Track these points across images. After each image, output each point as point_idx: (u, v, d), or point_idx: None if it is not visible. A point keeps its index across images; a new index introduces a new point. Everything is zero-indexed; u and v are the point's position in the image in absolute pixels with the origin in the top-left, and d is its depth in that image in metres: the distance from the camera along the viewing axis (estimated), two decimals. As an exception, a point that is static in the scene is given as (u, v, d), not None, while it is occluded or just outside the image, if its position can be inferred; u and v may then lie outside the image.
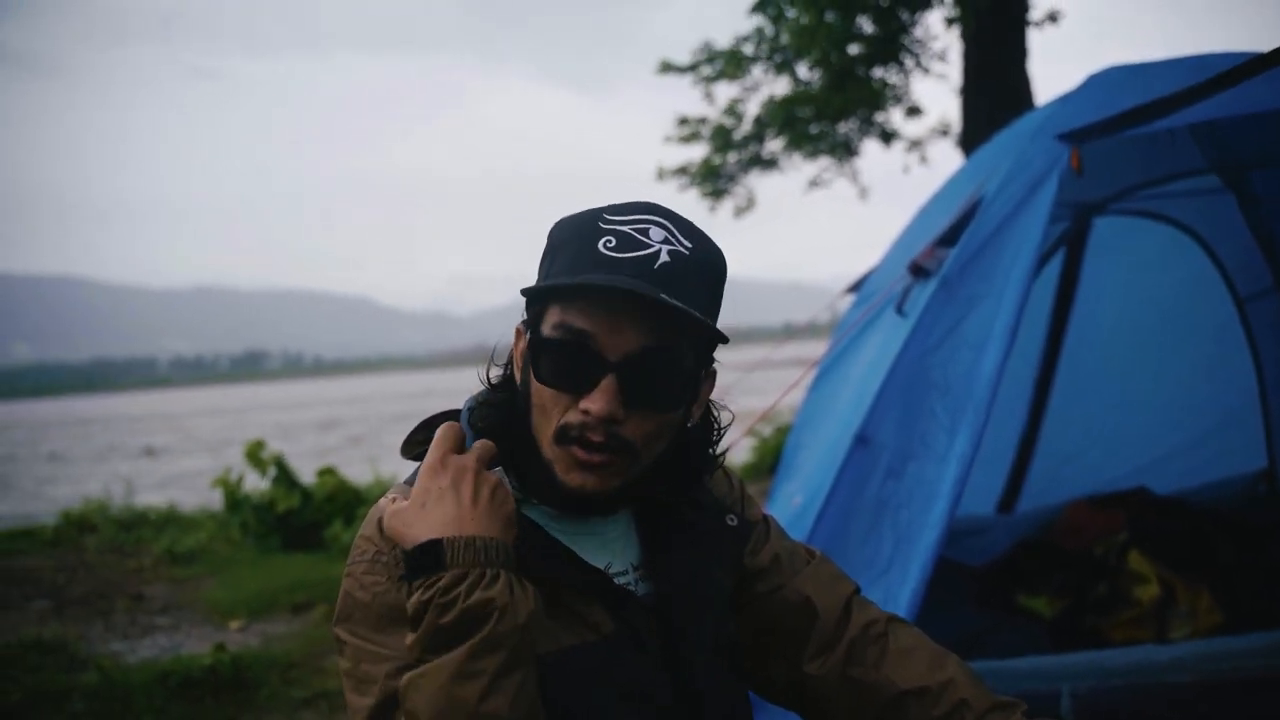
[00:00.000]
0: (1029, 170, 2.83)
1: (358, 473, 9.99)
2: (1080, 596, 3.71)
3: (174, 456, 25.84)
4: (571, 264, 1.24)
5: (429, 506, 1.17)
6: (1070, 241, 4.47)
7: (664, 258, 1.23)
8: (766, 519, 1.58)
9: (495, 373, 1.40)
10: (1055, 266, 4.56)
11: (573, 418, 1.23)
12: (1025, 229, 2.72)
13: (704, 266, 1.28)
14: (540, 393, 1.26)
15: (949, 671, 1.42)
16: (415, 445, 1.42)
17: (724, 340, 1.30)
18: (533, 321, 1.29)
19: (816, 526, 2.66)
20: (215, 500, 9.66)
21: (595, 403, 1.21)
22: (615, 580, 1.33)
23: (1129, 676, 2.63)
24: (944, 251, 2.99)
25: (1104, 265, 4.42)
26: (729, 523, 1.47)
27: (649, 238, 1.24)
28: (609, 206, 1.29)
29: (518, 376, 1.33)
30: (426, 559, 1.13)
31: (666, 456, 1.33)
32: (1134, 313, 4.55)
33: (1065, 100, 3.13)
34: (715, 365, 1.38)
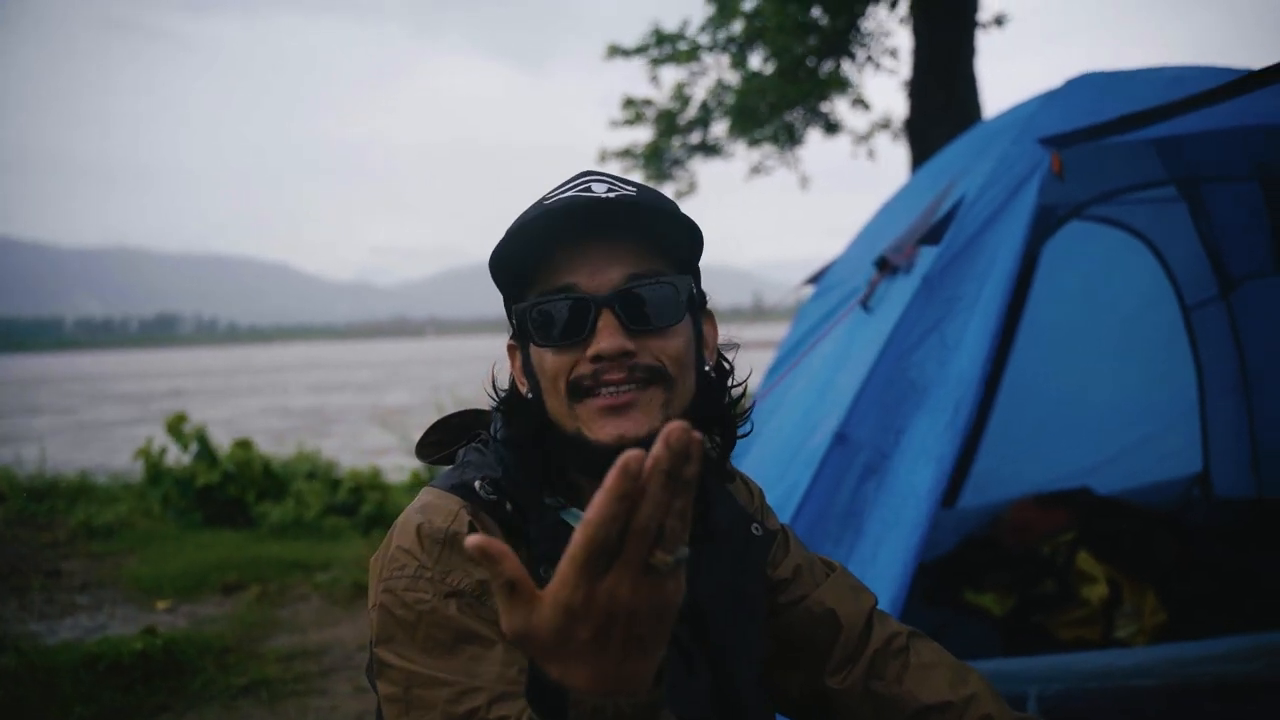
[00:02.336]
0: (1010, 172, 2.84)
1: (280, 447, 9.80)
2: (1027, 594, 3.77)
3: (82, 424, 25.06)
4: (522, 246, 1.22)
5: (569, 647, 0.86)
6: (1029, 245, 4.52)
7: (609, 196, 1.20)
8: (785, 529, 1.55)
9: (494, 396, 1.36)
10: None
11: (583, 369, 1.20)
12: (1007, 230, 2.72)
13: (655, 200, 1.24)
14: (545, 365, 1.22)
15: (971, 686, 1.42)
16: (430, 448, 1.39)
17: (700, 252, 1.29)
18: (512, 316, 1.27)
19: (794, 524, 2.63)
20: (132, 468, 9.36)
21: (603, 341, 1.18)
22: None
23: (1094, 681, 2.67)
24: (921, 250, 2.98)
25: (1057, 267, 4.47)
26: (754, 532, 1.43)
27: (591, 190, 1.20)
28: (545, 194, 1.26)
29: (523, 389, 1.29)
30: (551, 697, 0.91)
31: (699, 400, 1.27)
32: (1084, 316, 4.62)
33: (1045, 103, 3.14)
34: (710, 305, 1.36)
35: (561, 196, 1.19)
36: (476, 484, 1.23)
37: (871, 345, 2.80)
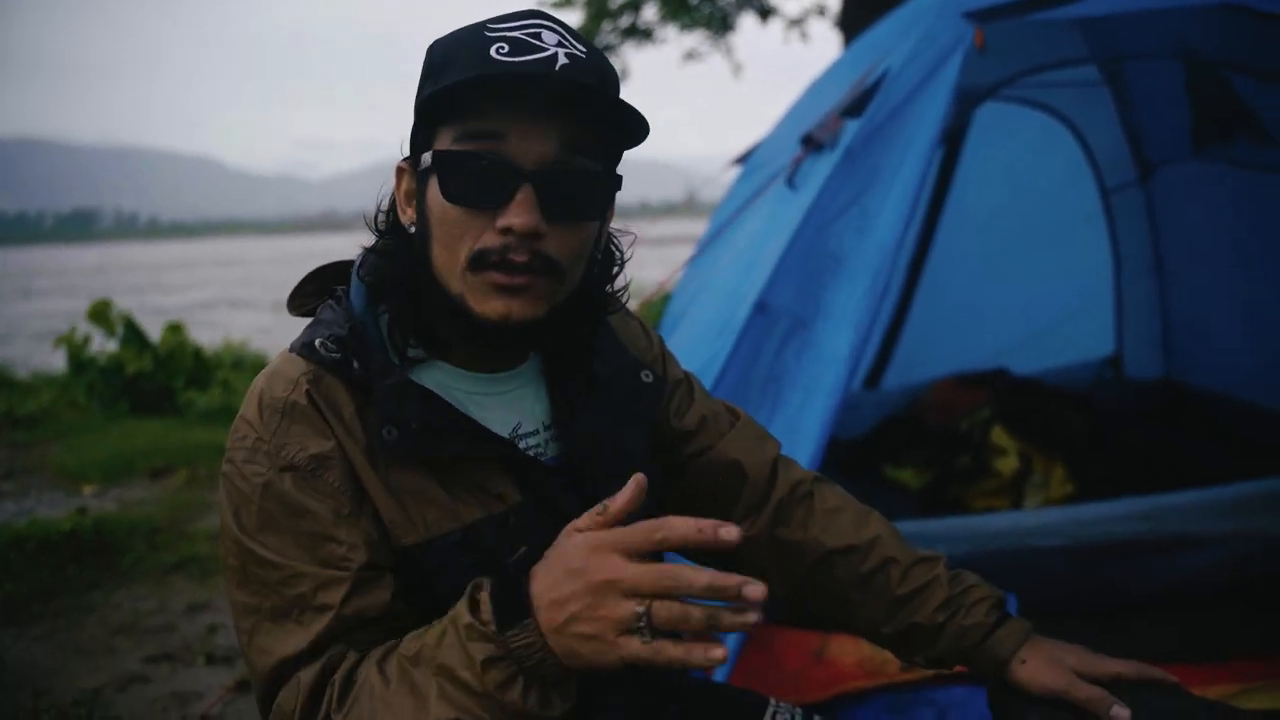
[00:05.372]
0: (934, 46, 2.84)
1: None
2: (945, 468, 3.91)
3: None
4: (457, 74, 1.10)
5: (560, 583, 0.98)
6: (954, 126, 4.55)
7: (562, 59, 1.10)
8: (689, 378, 1.54)
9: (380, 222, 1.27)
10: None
11: (490, 240, 1.11)
12: (929, 103, 2.73)
13: (607, 79, 1.16)
14: (446, 219, 1.13)
15: (874, 529, 1.46)
16: (304, 299, 1.31)
17: (637, 144, 1.21)
18: (423, 146, 1.16)
19: (714, 391, 2.68)
20: (54, 363, 9.19)
21: (517, 217, 1.09)
22: (525, 441, 1.27)
23: (1000, 541, 2.78)
24: (844, 124, 3.00)
25: (982, 150, 4.52)
26: (644, 379, 1.39)
27: (542, 40, 1.11)
28: (490, 18, 1.16)
29: (405, 219, 1.21)
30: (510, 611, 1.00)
31: (581, 287, 1.23)
32: (1007, 198, 4.69)
33: (970, -21, 3.13)
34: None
35: (512, 59, 1.09)
36: (317, 343, 1.17)
37: (794, 219, 2.83)
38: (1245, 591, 2.77)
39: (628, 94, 1.24)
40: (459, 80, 1.08)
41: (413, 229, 1.19)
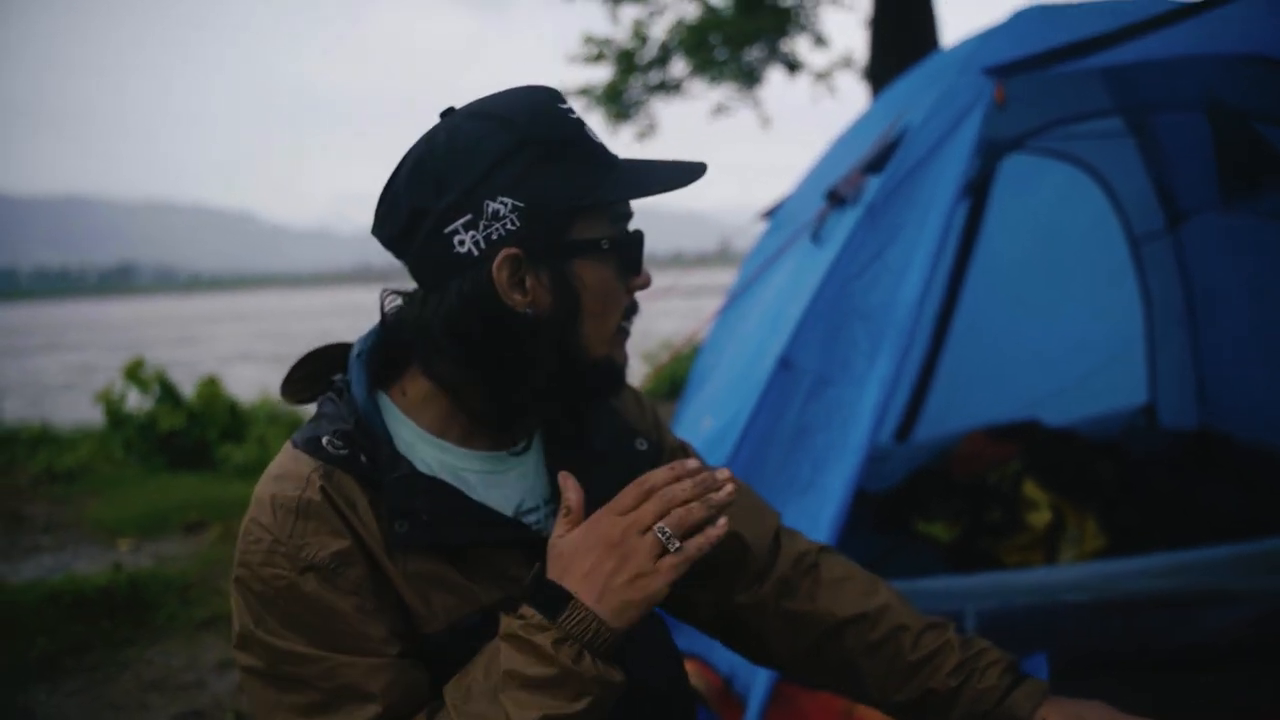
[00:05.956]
0: (955, 102, 2.87)
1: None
2: (975, 522, 3.87)
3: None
4: (592, 163, 1.18)
5: (581, 561, 1.11)
6: (978, 178, 4.57)
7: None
8: (685, 447, 1.54)
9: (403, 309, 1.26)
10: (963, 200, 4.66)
11: (626, 300, 1.25)
12: (950, 159, 2.76)
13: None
14: (608, 292, 1.21)
15: (882, 596, 1.45)
16: (297, 385, 1.30)
17: None
18: (552, 229, 1.16)
19: (738, 449, 2.69)
20: (93, 417, 9.31)
21: (647, 275, 1.26)
22: (529, 518, 1.28)
23: (1029, 596, 2.76)
24: (866, 180, 3.02)
25: (1008, 201, 4.52)
26: (639, 447, 1.40)
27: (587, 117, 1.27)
28: (545, 93, 1.19)
29: (517, 304, 1.16)
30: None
31: None
32: (1034, 249, 4.69)
33: (990, 35, 3.17)
34: None
35: (600, 140, 1.22)
36: (324, 440, 1.17)
37: (818, 275, 2.84)
38: (1276, 649, 2.71)
39: (655, 147, 1.35)
40: (654, 191, 1.19)
41: (530, 312, 1.17)
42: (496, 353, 1.18)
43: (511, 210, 1.13)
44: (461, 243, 1.14)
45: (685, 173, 1.21)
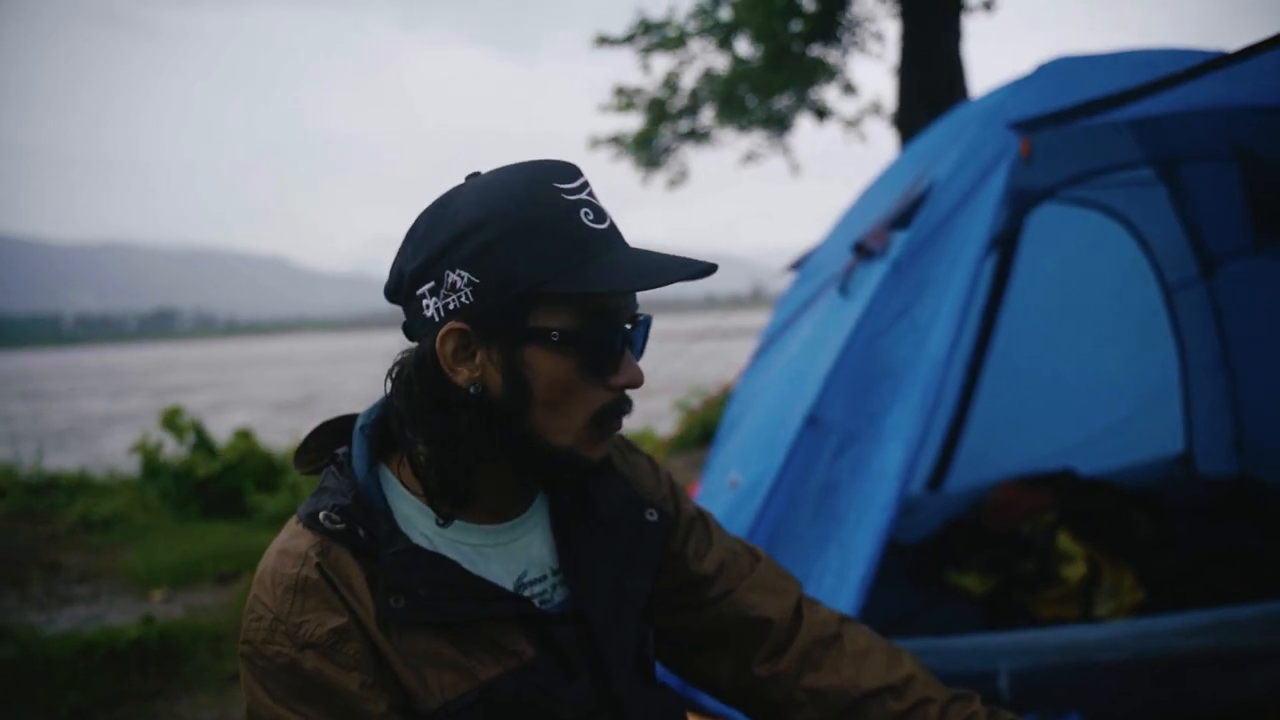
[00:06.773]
0: (980, 157, 2.87)
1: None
2: (1009, 574, 3.81)
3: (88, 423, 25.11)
4: (562, 249, 1.11)
5: None
6: (1007, 230, 4.56)
7: (611, 217, 1.17)
8: (704, 517, 1.50)
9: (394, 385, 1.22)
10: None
11: (606, 398, 1.17)
12: (976, 214, 2.76)
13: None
14: (564, 385, 1.14)
15: (907, 668, 1.43)
16: (309, 455, 1.29)
17: None
18: (507, 313, 1.13)
19: (766, 506, 2.68)
20: (128, 466, 9.41)
21: (635, 375, 1.18)
22: (532, 589, 1.26)
23: (1063, 655, 2.71)
24: (893, 234, 3.02)
25: (1038, 251, 4.51)
26: (649, 518, 1.38)
27: (595, 197, 1.17)
28: (545, 170, 1.17)
29: (461, 379, 1.15)
30: None
31: None
32: (1066, 298, 4.66)
33: (1017, 87, 3.17)
34: None
35: (597, 225, 1.15)
36: (321, 515, 1.17)
37: (844, 329, 2.84)
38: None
39: (687, 192, 1.28)
40: (619, 287, 1.11)
41: (473, 389, 1.15)
42: (432, 422, 1.17)
43: (466, 284, 1.12)
44: (427, 307, 1.15)
45: (679, 267, 1.12)
